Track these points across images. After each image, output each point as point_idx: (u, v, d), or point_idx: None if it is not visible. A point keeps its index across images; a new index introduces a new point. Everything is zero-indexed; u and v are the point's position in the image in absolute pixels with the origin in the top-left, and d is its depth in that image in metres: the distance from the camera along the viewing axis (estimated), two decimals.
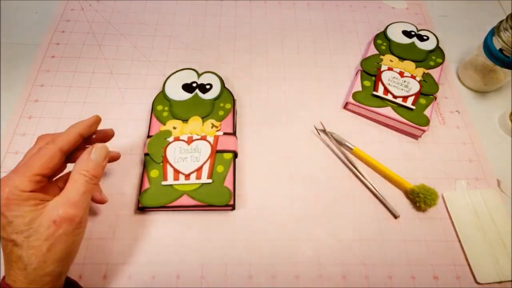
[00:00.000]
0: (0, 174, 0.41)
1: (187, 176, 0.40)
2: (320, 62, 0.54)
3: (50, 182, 0.31)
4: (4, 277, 0.28)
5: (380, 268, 0.38)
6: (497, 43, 0.46)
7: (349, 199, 0.42)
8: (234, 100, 0.46)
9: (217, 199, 0.39)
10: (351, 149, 0.45)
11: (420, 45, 0.53)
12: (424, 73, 0.50)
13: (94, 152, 0.30)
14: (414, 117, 0.46)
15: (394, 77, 0.49)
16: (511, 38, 0.44)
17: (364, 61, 0.51)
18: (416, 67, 0.51)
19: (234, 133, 0.44)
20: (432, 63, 0.52)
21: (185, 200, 0.39)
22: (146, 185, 0.39)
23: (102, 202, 0.36)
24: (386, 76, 0.49)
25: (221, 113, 0.45)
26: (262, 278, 0.37)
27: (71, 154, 0.32)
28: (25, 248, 0.26)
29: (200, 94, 0.46)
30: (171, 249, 0.38)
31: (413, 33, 0.55)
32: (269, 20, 0.58)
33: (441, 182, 0.44)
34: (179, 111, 0.44)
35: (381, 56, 0.52)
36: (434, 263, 0.39)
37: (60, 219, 0.27)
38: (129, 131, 0.45)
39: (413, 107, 0.46)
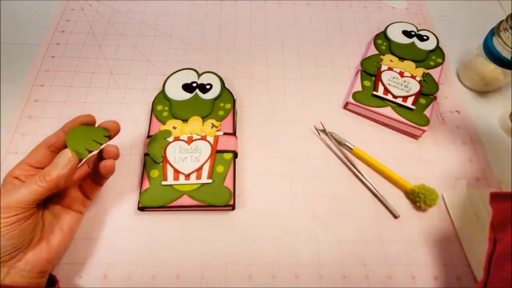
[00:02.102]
0: (0, 174, 0.41)
1: (187, 176, 0.40)
2: (320, 62, 0.54)
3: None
4: None
5: (380, 268, 0.38)
6: (497, 43, 0.46)
7: (349, 199, 0.42)
8: (234, 100, 0.46)
9: (217, 199, 0.39)
10: (351, 149, 0.45)
11: (420, 45, 0.53)
12: (424, 73, 0.50)
13: (57, 157, 0.30)
14: (414, 117, 0.46)
15: (394, 77, 0.49)
16: (511, 38, 0.44)
17: (364, 61, 0.51)
18: (416, 67, 0.51)
19: (234, 133, 0.44)
20: (432, 63, 0.52)
21: (185, 200, 0.39)
22: (146, 185, 0.39)
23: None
24: (386, 76, 0.49)
25: (221, 113, 0.45)
26: (262, 278, 0.37)
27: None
28: None
29: (200, 94, 0.46)
30: (171, 249, 0.38)
31: (413, 33, 0.55)
32: (269, 20, 0.58)
33: (441, 182, 0.44)
34: (179, 111, 0.44)
35: (381, 56, 0.52)
36: (434, 263, 0.39)
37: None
38: (129, 131, 0.45)
39: (413, 107, 0.46)
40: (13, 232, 0.28)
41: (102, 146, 0.34)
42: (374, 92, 0.48)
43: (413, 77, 0.49)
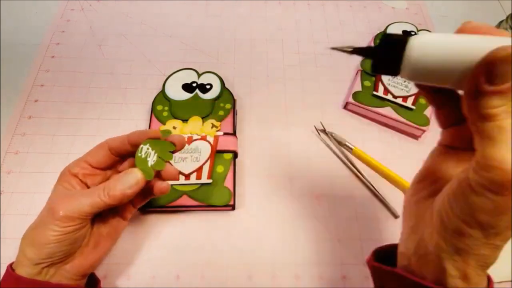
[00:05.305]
0: (0, 174, 0.41)
1: (187, 176, 0.40)
2: (320, 62, 0.54)
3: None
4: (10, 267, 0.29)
5: None
6: None
7: (349, 199, 0.42)
8: (234, 100, 0.46)
9: (217, 199, 0.39)
10: (351, 149, 0.45)
11: None
12: None
13: (124, 175, 0.30)
14: (414, 117, 0.46)
15: (394, 77, 0.49)
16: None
17: (364, 61, 0.51)
18: None
19: (234, 133, 0.44)
20: None
21: (185, 200, 0.39)
22: None
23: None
24: (386, 76, 0.49)
25: (221, 113, 0.45)
26: (262, 278, 0.37)
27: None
28: None
29: (200, 94, 0.46)
30: (171, 249, 0.38)
31: (413, 33, 0.55)
32: (269, 20, 0.58)
33: None
34: (179, 111, 0.44)
35: None
36: None
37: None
38: (129, 131, 0.45)
39: (413, 107, 0.46)
40: (67, 241, 0.28)
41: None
42: (374, 92, 0.48)
43: None
